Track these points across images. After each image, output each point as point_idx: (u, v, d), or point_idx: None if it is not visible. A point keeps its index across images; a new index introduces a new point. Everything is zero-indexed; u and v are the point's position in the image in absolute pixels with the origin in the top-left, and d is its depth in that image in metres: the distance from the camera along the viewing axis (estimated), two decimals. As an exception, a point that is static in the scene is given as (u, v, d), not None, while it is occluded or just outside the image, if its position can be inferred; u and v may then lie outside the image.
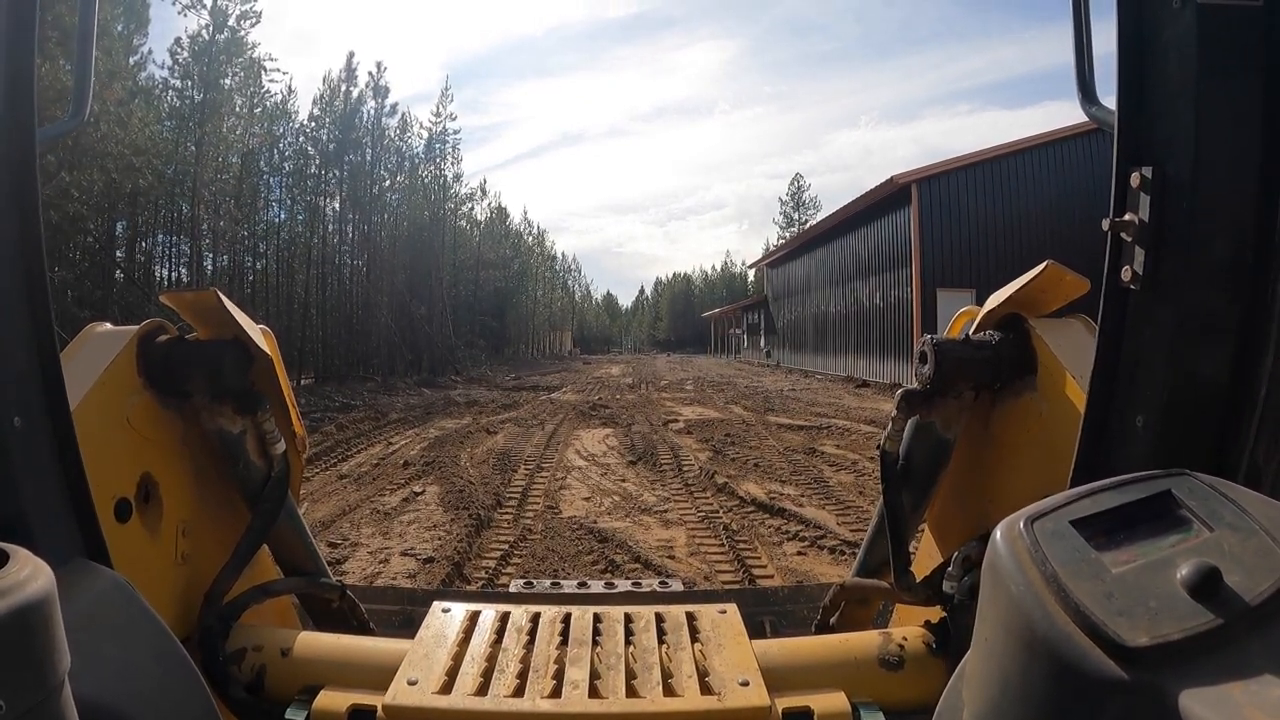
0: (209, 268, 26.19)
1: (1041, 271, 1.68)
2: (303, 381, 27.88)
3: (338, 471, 9.86)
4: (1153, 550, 0.80)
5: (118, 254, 23.93)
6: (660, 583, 2.66)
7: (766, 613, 2.55)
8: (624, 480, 9.06)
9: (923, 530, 2.10)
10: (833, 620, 2.11)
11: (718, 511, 7.36)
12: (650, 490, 8.46)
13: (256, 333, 1.85)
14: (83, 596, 1.13)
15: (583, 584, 2.68)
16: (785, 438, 12.50)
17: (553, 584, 2.69)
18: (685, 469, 9.64)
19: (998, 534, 0.87)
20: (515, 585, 2.70)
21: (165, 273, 27.14)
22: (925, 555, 2.06)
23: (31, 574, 0.79)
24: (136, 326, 1.69)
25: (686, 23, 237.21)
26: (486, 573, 5.49)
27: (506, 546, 6.16)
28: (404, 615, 2.57)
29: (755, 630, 2.46)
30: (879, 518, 1.95)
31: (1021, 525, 0.86)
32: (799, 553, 6.06)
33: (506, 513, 7.44)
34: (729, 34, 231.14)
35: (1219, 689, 0.66)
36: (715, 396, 21.83)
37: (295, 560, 2.03)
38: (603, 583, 2.66)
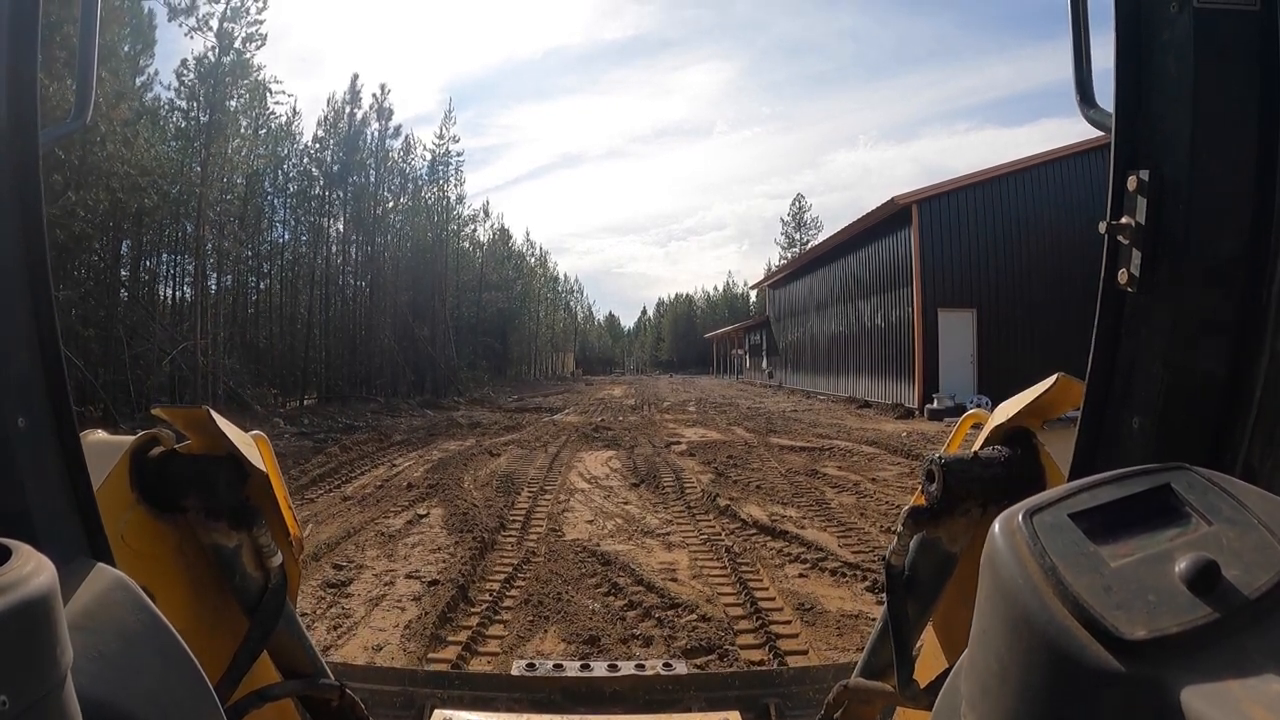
0: (213, 287, 26.22)
1: (1052, 385, 1.65)
2: (306, 402, 27.90)
3: (341, 494, 9.88)
4: (1151, 544, 0.80)
5: (122, 273, 24.02)
6: (665, 664, 2.70)
7: (772, 696, 2.54)
8: (626, 503, 9.08)
9: (928, 632, 2.10)
10: (836, 716, 2.12)
11: (720, 534, 7.38)
12: (653, 513, 8.48)
13: (250, 445, 1.83)
14: (85, 593, 1.11)
15: (585, 665, 2.71)
16: (787, 459, 12.50)
17: (555, 666, 2.70)
18: (687, 491, 9.65)
19: (996, 527, 0.87)
20: (518, 667, 2.71)
21: (169, 291, 27.25)
22: (930, 656, 2.04)
23: (34, 570, 0.79)
24: (130, 438, 1.68)
25: (683, 45, 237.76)
26: (491, 595, 5.52)
27: (510, 569, 6.18)
28: (404, 697, 2.56)
29: (760, 712, 2.45)
30: (883, 623, 1.94)
31: (1020, 518, 0.86)
32: (800, 575, 6.08)
33: (510, 535, 7.46)
34: (725, 55, 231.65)
35: (1217, 684, 0.66)
36: (717, 418, 21.81)
37: (294, 663, 2.01)
38: (606, 665, 2.69)
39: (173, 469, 1.69)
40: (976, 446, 1.81)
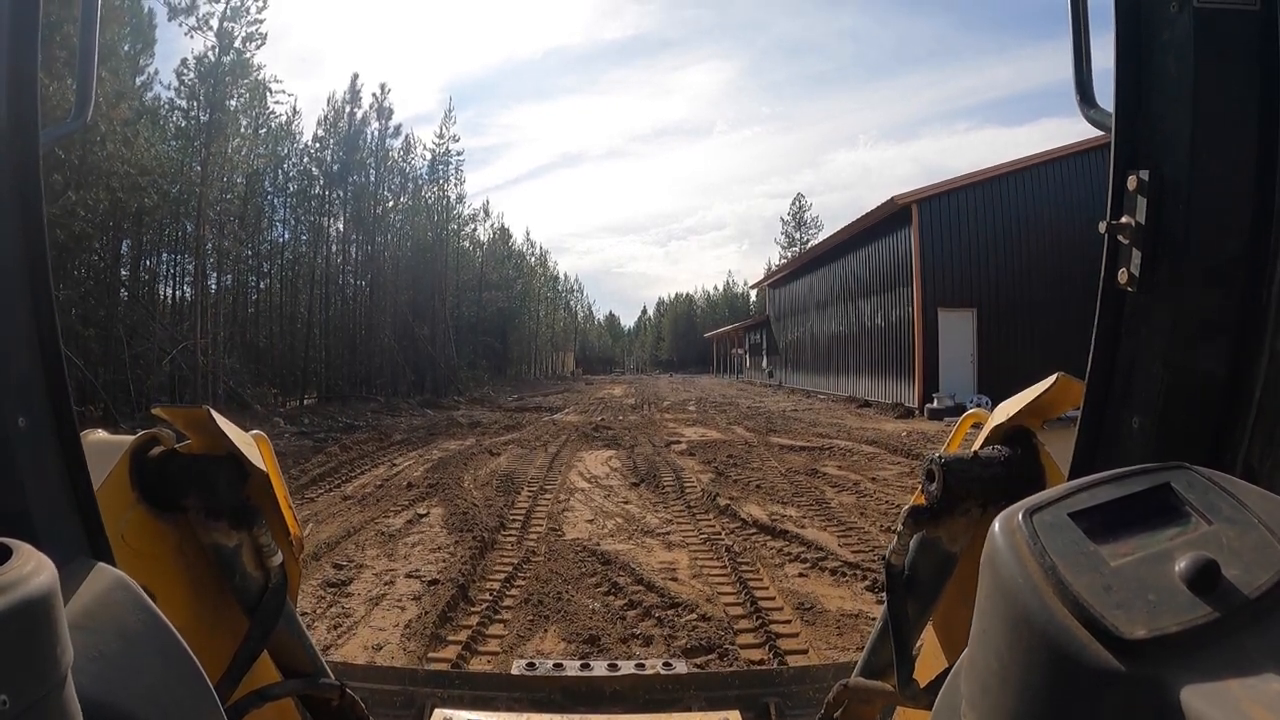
0: (213, 286, 26.21)
1: (1052, 384, 1.64)
2: (306, 401, 27.89)
3: (342, 493, 9.89)
4: (1151, 543, 0.80)
5: (122, 272, 24.01)
6: (665, 664, 2.71)
7: (772, 695, 2.55)
8: (627, 502, 9.08)
9: (928, 632, 2.10)
10: (836, 715, 2.12)
11: (720, 533, 7.38)
12: (653, 512, 8.48)
13: (250, 445, 1.83)
14: (86, 593, 1.11)
15: (585, 665, 2.71)
16: (787, 459, 12.51)
17: (555, 665, 2.71)
18: (688, 491, 9.66)
19: (996, 526, 0.87)
20: (518, 666, 2.72)
21: (169, 291, 27.25)
22: (930, 657, 2.04)
23: (34, 569, 0.79)
24: (130, 438, 1.67)
25: (683, 45, 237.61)
26: (491, 594, 5.53)
27: (510, 569, 6.19)
28: (404, 696, 2.56)
29: (760, 711, 2.45)
30: (883, 622, 1.94)
31: (1020, 517, 0.86)
32: (800, 574, 6.08)
33: (510, 535, 7.47)
34: (725, 55, 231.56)
35: (1217, 684, 0.66)
36: (717, 417, 21.81)
37: (294, 662, 2.01)
38: (606, 664, 2.69)
39: (173, 469, 1.68)
40: (976, 446, 1.81)
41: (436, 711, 1.82)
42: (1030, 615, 0.78)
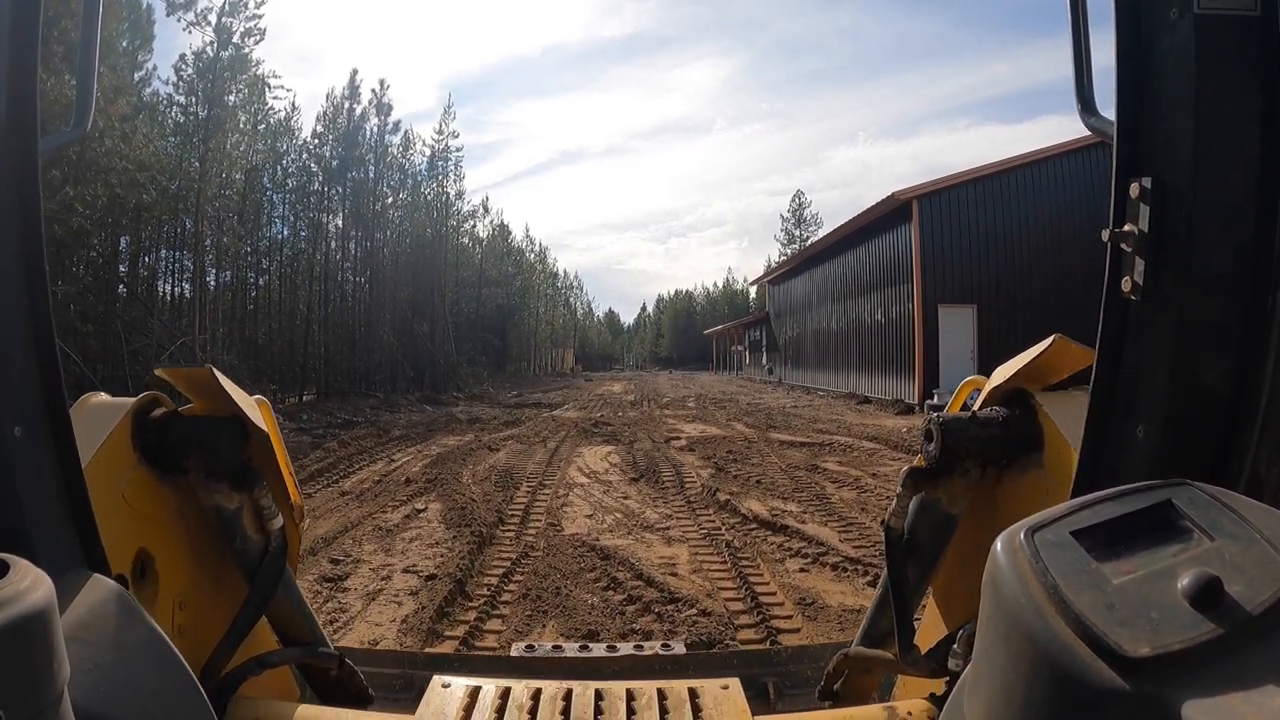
0: (211, 283, 26.19)
1: (1049, 346, 1.65)
2: (305, 398, 27.88)
3: (339, 488, 9.86)
4: (1154, 560, 0.80)
5: (121, 269, 23.98)
6: (663, 645, 2.69)
7: (770, 674, 2.53)
8: (626, 498, 9.05)
9: (928, 598, 2.08)
10: (836, 687, 2.09)
11: (720, 529, 7.35)
12: (652, 507, 8.45)
13: (252, 407, 1.83)
14: (82, 606, 1.12)
15: (584, 647, 2.70)
16: (787, 454, 12.49)
17: (554, 647, 2.70)
18: (687, 486, 9.63)
19: (998, 545, 0.87)
20: (517, 649, 2.71)
21: (168, 287, 27.22)
22: (930, 624, 2.04)
23: (31, 584, 0.79)
24: (132, 399, 1.68)
25: (682, 42, 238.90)
26: (489, 589, 5.49)
27: (509, 564, 6.15)
28: (404, 679, 2.56)
29: (759, 691, 2.44)
30: (883, 589, 1.94)
31: (1022, 536, 0.86)
32: (801, 570, 6.04)
33: (509, 530, 7.43)
34: (725, 53, 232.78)
35: (1221, 699, 0.66)
36: (717, 414, 21.81)
37: (293, 630, 2.01)
38: (605, 645, 2.68)
39: (175, 430, 1.70)
40: (975, 408, 1.83)
41: (435, 678, 1.83)
42: (1033, 634, 0.79)
